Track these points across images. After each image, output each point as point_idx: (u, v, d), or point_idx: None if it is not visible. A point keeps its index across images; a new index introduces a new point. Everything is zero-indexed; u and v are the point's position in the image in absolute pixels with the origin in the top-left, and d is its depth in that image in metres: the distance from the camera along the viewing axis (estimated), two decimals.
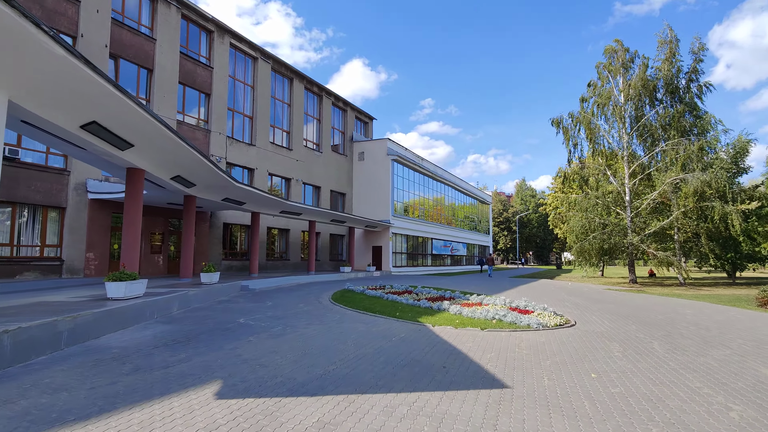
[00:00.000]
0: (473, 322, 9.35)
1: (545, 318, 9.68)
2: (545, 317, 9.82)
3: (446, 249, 46.15)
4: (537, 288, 20.64)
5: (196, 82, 23.52)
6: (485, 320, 9.61)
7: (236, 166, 26.07)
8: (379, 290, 15.91)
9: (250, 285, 16.72)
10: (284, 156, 29.46)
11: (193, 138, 23.10)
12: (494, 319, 9.63)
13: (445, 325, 8.91)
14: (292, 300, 13.26)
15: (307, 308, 11.47)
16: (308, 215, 25.87)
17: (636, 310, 12.70)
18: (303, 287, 18.21)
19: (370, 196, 35.93)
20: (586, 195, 29.32)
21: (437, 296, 14.45)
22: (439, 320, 9.48)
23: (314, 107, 33.52)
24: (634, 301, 15.17)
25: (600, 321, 10.23)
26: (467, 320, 9.57)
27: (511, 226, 76.10)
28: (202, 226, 23.39)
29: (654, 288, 23.72)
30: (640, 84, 27.00)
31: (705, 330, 9.09)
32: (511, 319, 9.38)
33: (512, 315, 9.56)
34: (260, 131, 27.50)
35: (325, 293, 15.43)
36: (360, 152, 37.01)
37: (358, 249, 36.22)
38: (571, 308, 12.69)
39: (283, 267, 28.99)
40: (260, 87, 27.72)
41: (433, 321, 9.37)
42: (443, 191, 46.51)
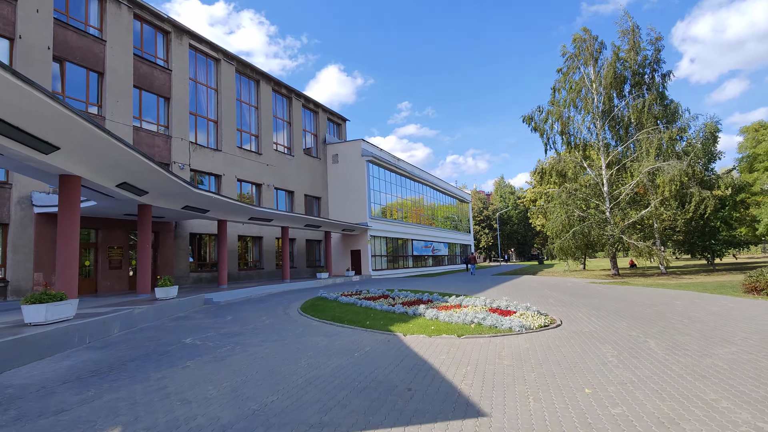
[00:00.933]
0: (450, 327, 8.43)
1: (529, 319, 8.82)
2: (529, 318, 8.97)
3: (427, 249, 45.38)
4: (519, 285, 19.92)
5: (153, 85, 22.18)
6: (463, 325, 8.71)
7: (202, 173, 24.76)
8: (354, 296, 14.91)
9: (215, 298, 15.51)
10: (253, 161, 28.22)
11: (152, 145, 21.74)
12: (473, 323, 8.73)
13: (419, 333, 7.97)
14: (256, 313, 12.15)
15: (269, 321, 10.39)
16: (280, 221, 24.69)
17: (623, 303, 11.98)
18: (273, 297, 17.07)
19: (346, 199, 34.89)
20: (564, 188, 28.89)
21: (414, 300, 13.53)
22: (413, 328, 8.53)
23: (284, 110, 32.36)
24: (620, 294, 14.51)
25: (587, 319, 9.43)
26: (443, 326, 8.65)
27: (492, 223, 75.93)
28: (166, 236, 22.02)
29: (637, 279, 23.29)
30: (611, 74, 26.71)
31: (701, 323, 8.35)
32: (491, 322, 8.49)
33: (492, 317, 8.67)
34: (226, 136, 26.24)
35: (296, 303, 14.35)
36: (334, 154, 35.96)
37: (336, 254, 35.11)
38: (555, 305, 11.90)
39: (257, 276, 27.70)
40: (225, 90, 26.47)
41: (406, 329, 8.42)
42: (422, 191, 45.76)
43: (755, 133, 29.16)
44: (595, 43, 27.80)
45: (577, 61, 28.51)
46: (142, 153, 10.84)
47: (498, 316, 8.86)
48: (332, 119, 38.37)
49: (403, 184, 41.32)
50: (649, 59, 27.65)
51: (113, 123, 19.83)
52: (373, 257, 34.45)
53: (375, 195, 35.54)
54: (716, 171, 29.78)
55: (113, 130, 19.79)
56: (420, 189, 45.25)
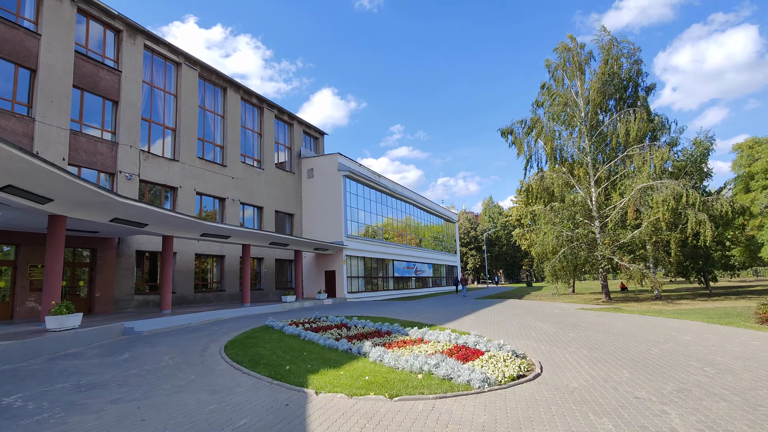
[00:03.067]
0: (388, 379, 6.14)
1: (498, 364, 6.58)
2: (499, 362, 6.73)
3: (410, 271, 43.05)
4: (501, 311, 17.67)
5: (98, 87, 20.02)
6: (409, 374, 6.44)
7: (154, 185, 22.43)
8: (304, 325, 12.55)
9: (138, 327, 13.02)
10: (216, 173, 25.97)
11: (94, 152, 19.45)
12: (422, 372, 6.46)
13: (340, 390, 5.66)
14: (168, 349, 9.75)
15: (168, 363, 8.02)
16: (239, 238, 22.33)
17: (621, 339, 9.79)
18: (213, 326, 14.62)
19: (321, 217, 32.64)
20: (551, 207, 26.98)
21: (370, 331, 11.25)
22: (340, 379, 6.24)
23: (254, 120, 30.33)
24: (615, 326, 12.31)
25: (576, 364, 7.21)
26: (382, 375, 6.37)
27: (480, 245, 73.93)
28: (106, 254, 19.52)
29: (630, 304, 21.17)
30: (597, 87, 25.14)
31: (731, 375, 6.16)
32: (445, 371, 6.21)
33: (449, 364, 6.40)
34: (186, 145, 24.03)
35: (230, 334, 11.94)
36: (309, 169, 33.87)
37: (309, 275, 32.67)
38: (537, 340, 9.67)
39: (216, 300, 25.13)
40: (185, 96, 24.38)
41: (327, 381, 6.12)
42: (405, 210, 43.69)
43: (750, 150, 27.62)
44: (582, 52, 26.31)
45: (563, 72, 26.96)
46: (18, 146, 8.59)
47: (455, 362, 6.56)
48: (309, 132, 36.40)
49: (385, 202, 39.22)
50: (632, 73, 26.28)
51: (45, 125, 17.57)
52: (349, 278, 32.05)
53: (352, 212, 33.35)
54: (708, 190, 28.14)
55: (45, 134, 17.54)
56: (403, 207, 43.18)
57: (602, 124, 25.77)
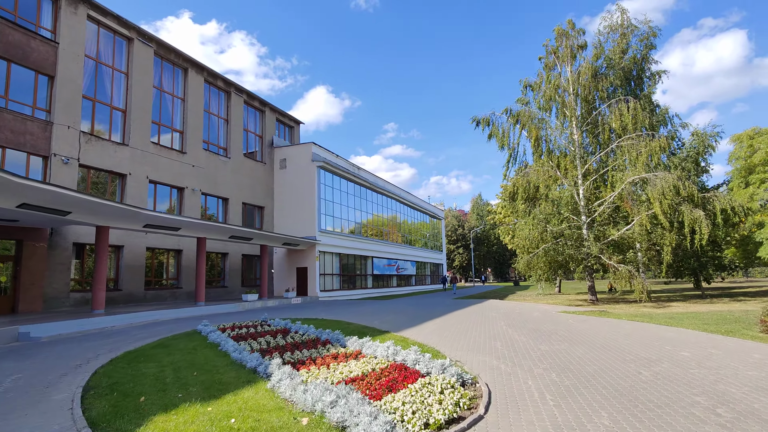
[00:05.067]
0: (257, 428, 4.19)
1: (428, 399, 4.64)
2: (432, 394, 4.81)
3: (391, 268, 41.12)
4: (473, 315, 15.77)
5: (28, 58, 17.79)
6: (290, 418, 4.48)
7: (98, 171, 20.25)
8: (236, 330, 10.56)
9: (35, 332, 10.92)
10: (174, 160, 23.81)
11: (23, 131, 17.25)
12: (314, 412, 4.51)
13: None
14: (29, 364, 7.73)
15: None
16: (192, 230, 20.24)
17: (603, 355, 7.92)
18: (136, 330, 12.58)
19: (294, 210, 30.57)
20: (535, 203, 25.16)
21: (309, 339, 9.36)
22: (188, 425, 4.28)
23: (220, 105, 28.16)
24: (599, 335, 10.45)
25: (539, 397, 5.31)
26: (255, 417, 4.41)
27: (468, 243, 72.20)
28: (36, 248, 17.34)
29: (618, 307, 19.40)
30: (590, 73, 23.33)
31: (756, 420, 4.30)
32: (341, 414, 4.24)
33: (350, 402, 4.43)
34: (137, 128, 21.85)
35: (139, 342, 9.92)
36: (282, 159, 31.76)
37: (281, 271, 30.62)
38: (500, 356, 7.78)
39: (171, 297, 23.02)
40: (137, 74, 22.18)
41: (170, 427, 4.17)
42: (387, 205, 41.72)
43: (750, 141, 25.94)
44: (580, 37, 24.44)
45: (555, 58, 25.12)
46: None
47: (360, 399, 4.57)
48: (282, 121, 34.27)
49: (364, 196, 37.22)
50: (638, 57, 24.46)
51: None
52: (323, 276, 30.05)
53: (327, 206, 31.32)
54: (706, 186, 26.45)
55: None
56: (385, 202, 41.22)
57: (595, 112, 23.92)
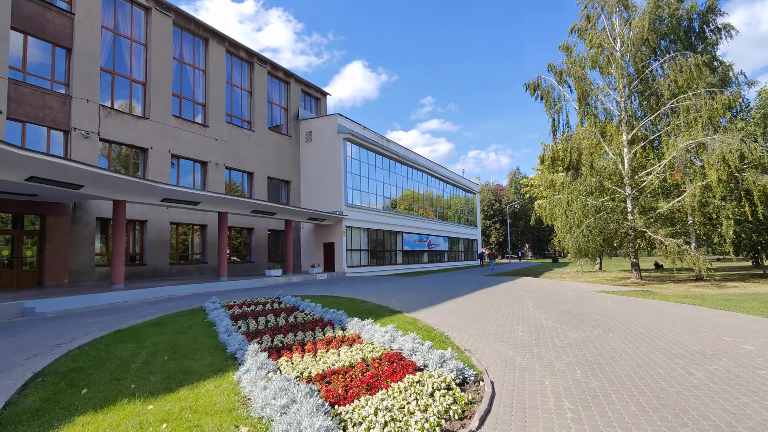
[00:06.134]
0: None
1: (410, 404, 3.68)
2: (420, 396, 3.85)
3: (422, 244, 40.09)
4: (499, 294, 14.59)
5: (45, 31, 17.54)
6: (227, 427, 3.63)
7: (119, 144, 20.11)
8: (241, 308, 9.95)
9: (39, 307, 10.72)
10: (196, 134, 23.46)
11: (42, 105, 17.14)
12: (261, 417, 3.64)
13: None
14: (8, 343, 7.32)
15: None
16: (213, 205, 19.88)
17: (643, 346, 6.66)
18: (147, 306, 12.27)
19: (320, 184, 29.90)
20: (577, 173, 23.24)
21: (311, 320, 8.63)
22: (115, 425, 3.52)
23: (243, 77, 27.48)
24: (640, 320, 9.10)
25: (555, 404, 4.22)
26: (194, 421, 3.61)
27: (504, 218, 69.90)
28: (59, 220, 17.44)
29: (665, 286, 17.63)
30: (644, 25, 20.78)
31: None
32: (284, 427, 3.33)
33: (303, 410, 3.52)
34: (158, 101, 21.51)
35: (140, 319, 9.48)
36: (308, 132, 30.99)
37: (308, 247, 30.26)
38: (517, 345, 6.68)
39: (196, 272, 23.04)
40: (156, 45, 21.70)
41: None
42: (418, 179, 40.41)
43: None
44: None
45: (601, 10, 22.65)
46: None
47: (319, 405, 3.64)
48: (308, 92, 33.32)
49: (394, 170, 36.06)
50: (701, 7, 21.71)
51: None
52: (350, 252, 29.46)
53: (354, 179, 30.45)
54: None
55: None
56: (416, 176, 39.91)
57: (646, 71, 21.50)
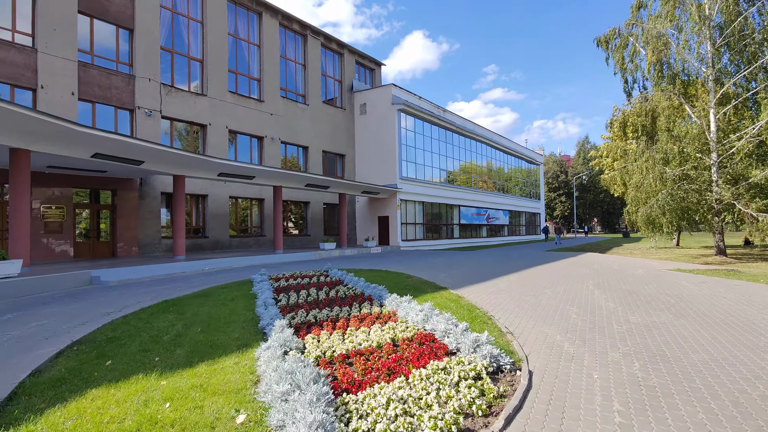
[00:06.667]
0: (180, 417, 3.17)
1: (428, 392, 3.27)
2: (443, 385, 3.43)
3: (480, 218, 38.88)
4: (558, 270, 13.62)
5: (108, 12, 18.30)
6: (227, 412, 3.41)
7: (179, 121, 20.87)
8: (288, 280, 9.96)
9: (104, 276, 11.41)
10: (252, 109, 23.85)
11: (108, 86, 18.06)
12: (265, 404, 3.38)
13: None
14: (57, 310, 7.73)
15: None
16: (267, 179, 20.23)
17: (722, 334, 5.72)
18: (203, 277, 12.72)
19: (374, 157, 29.60)
20: (652, 139, 21.06)
21: (352, 294, 8.36)
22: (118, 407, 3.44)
23: (296, 50, 27.41)
24: (720, 303, 7.96)
25: (603, 396, 3.62)
26: (195, 402, 3.44)
27: (570, 190, 66.17)
28: (127, 195, 18.55)
29: (755, 266, 15.62)
30: None
31: None
32: (280, 417, 3.02)
33: (308, 395, 3.21)
34: (215, 78, 22.01)
35: (194, 289, 9.76)
36: (362, 104, 30.58)
37: (363, 220, 30.32)
38: (567, 329, 6.01)
39: (256, 245, 23.84)
40: (212, 22, 22.06)
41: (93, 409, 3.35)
42: (476, 150, 38.94)
43: None
44: None
45: None
46: None
47: (324, 393, 3.33)
48: (362, 63, 32.72)
49: (451, 141, 34.93)
50: None
51: (48, 56, 16.28)
52: (404, 225, 29.14)
53: (409, 151, 29.83)
54: None
55: (50, 66, 16.30)
56: (474, 147, 38.46)
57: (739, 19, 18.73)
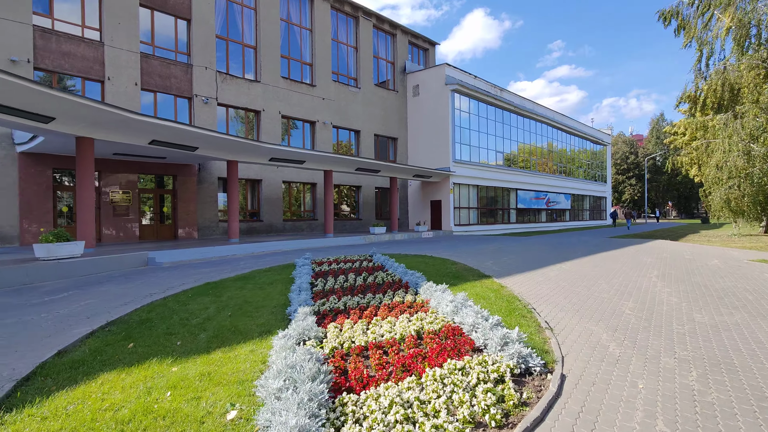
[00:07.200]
0: (176, 409, 3.09)
1: (438, 394, 2.97)
2: (456, 387, 3.12)
3: (539, 202, 37.18)
4: (619, 259, 12.56)
5: (167, 3, 19.03)
6: (221, 407, 3.28)
7: (233, 108, 21.48)
8: (330, 265, 9.93)
9: (159, 258, 11.99)
10: (304, 94, 24.07)
11: (168, 75, 18.89)
12: (260, 400, 3.22)
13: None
14: (111, 288, 8.14)
15: None
16: (317, 163, 20.40)
17: None
18: (254, 259, 13.06)
19: (427, 140, 29.01)
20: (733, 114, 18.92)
21: (389, 281, 8.21)
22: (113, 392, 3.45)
23: (348, 33, 27.21)
24: None
25: (646, 412, 3.13)
26: (196, 391, 3.36)
27: (641, 172, 61.58)
28: (187, 180, 19.47)
29: None
30: None
31: None
32: (267, 416, 2.85)
33: (300, 394, 3.01)
34: (267, 64, 22.37)
35: (238, 271, 10.01)
36: (414, 86, 29.95)
37: (416, 205, 29.97)
38: (617, 325, 5.40)
39: (308, 228, 24.30)
40: (264, 8, 22.33)
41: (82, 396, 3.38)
42: (536, 130, 37.08)
43: None
44: None
45: None
46: None
47: (319, 393, 3.10)
48: (415, 43, 31.93)
49: (509, 121, 33.47)
50: None
51: (114, 49, 17.25)
52: (457, 210, 28.46)
53: (463, 133, 28.93)
54: None
55: (115, 58, 17.28)
56: (533, 127, 36.63)
57: None
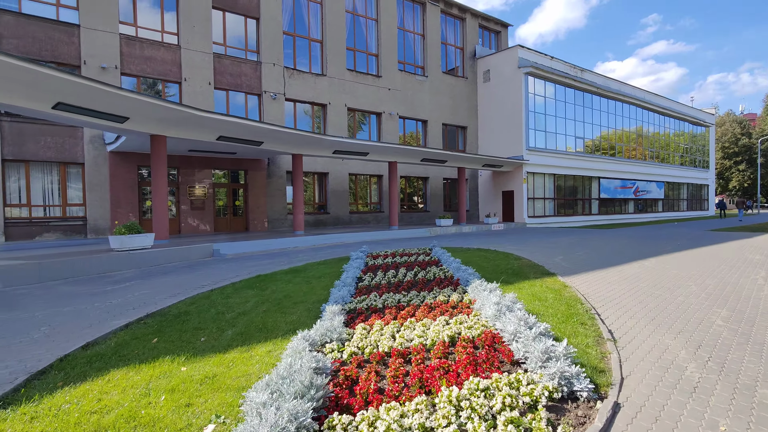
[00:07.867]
0: (155, 417, 2.88)
1: (449, 421, 2.48)
2: (473, 414, 2.60)
3: (626, 191, 34.02)
4: (717, 255, 10.82)
5: (237, 4, 19.73)
6: (204, 418, 3.00)
7: (301, 103, 21.84)
8: (385, 258, 9.59)
9: (224, 249, 12.42)
10: (370, 85, 23.90)
11: (239, 73, 19.64)
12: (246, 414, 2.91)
13: None
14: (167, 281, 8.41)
15: None
16: (381, 154, 20.16)
17: None
18: (314, 251, 13.12)
19: (498, 127, 27.62)
20: None
21: (439, 278, 7.68)
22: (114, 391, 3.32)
23: (415, 20, 26.53)
24: None
25: None
26: (177, 400, 3.14)
27: (754, 156, 54.19)
28: (257, 174, 20.17)
29: None
30: None
31: None
32: (252, 421, 2.54)
33: (284, 414, 2.65)
34: (333, 57, 22.48)
35: (294, 263, 10.04)
36: (485, 71, 28.59)
37: (487, 195, 28.76)
38: (701, 341, 4.45)
39: (375, 220, 24.25)
40: (329, 1, 22.38)
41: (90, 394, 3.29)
42: (623, 113, 33.88)
43: None
44: None
45: None
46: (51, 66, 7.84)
47: (301, 413, 2.70)
48: (486, 26, 30.41)
49: (590, 104, 30.90)
50: None
51: (190, 51, 18.24)
52: (531, 200, 26.86)
53: (538, 119, 27.17)
54: None
55: (191, 60, 18.27)
56: (619, 109, 33.49)
57: None
